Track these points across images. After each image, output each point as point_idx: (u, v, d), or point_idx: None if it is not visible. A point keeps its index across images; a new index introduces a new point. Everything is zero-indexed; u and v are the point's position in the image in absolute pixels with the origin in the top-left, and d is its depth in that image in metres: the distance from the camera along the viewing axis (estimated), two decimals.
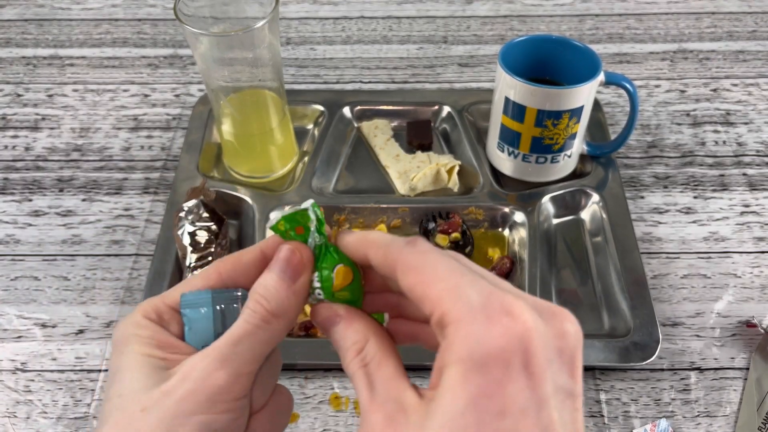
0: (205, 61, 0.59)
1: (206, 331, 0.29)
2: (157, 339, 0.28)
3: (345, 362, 0.28)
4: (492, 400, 0.22)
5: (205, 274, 0.30)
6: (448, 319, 0.24)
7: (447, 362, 0.23)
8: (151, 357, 0.28)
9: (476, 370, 0.23)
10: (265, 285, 0.29)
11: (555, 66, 0.64)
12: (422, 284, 0.25)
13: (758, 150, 0.72)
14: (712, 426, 0.51)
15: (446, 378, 0.23)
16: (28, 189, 0.69)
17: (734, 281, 0.60)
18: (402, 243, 0.27)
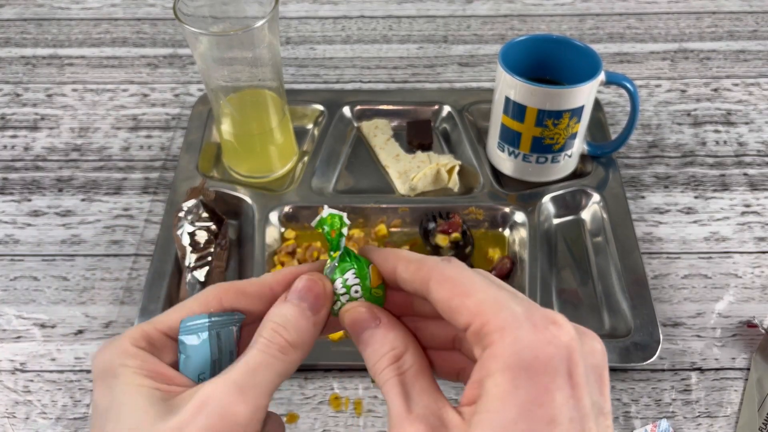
0: (205, 61, 0.59)
1: (203, 358, 0.28)
2: (148, 369, 0.26)
3: (378, 367, 0.27)
4: (543, 408, 0.22)
5: (204, 299, 0.29)
6: (490, 327, 0.23)
7: (491, 371, 0.23)
8: (147, 388, 0.25)
9: (525, 377, 0.22)
10: (283, 314, 0.28)
11: (555, 66, 0.64)
12: (460, 296, 0.25)
13: (759, 150, 0.72)
14: (713, 426, 0.51)
15: (491, 386, 0.23)
16: (28, 189, 0.69)
17: (735, 281, 0.60)
18: (437, 259, 0.27)
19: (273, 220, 0.63)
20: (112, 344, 0.27)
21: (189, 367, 0.27)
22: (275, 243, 0.62)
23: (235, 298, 0.29)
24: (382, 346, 0.27)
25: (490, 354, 0.23)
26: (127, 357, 0.26)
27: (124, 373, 0.26)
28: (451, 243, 0.61)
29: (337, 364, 0.54)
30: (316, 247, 0.60)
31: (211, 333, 0.28)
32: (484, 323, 0.24)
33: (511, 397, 0.22)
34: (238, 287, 0.29)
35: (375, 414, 0.52)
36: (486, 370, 0.23)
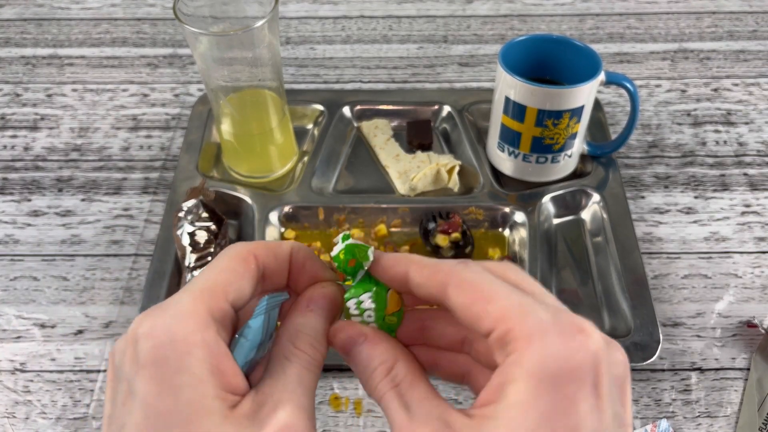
0: (205, 61, 0.59)
1: (255, 342, 0.26)
2: (215, 364, 0.24)
3: (372, 383, 0.26)
4: (566, 417, 0.22)
5: (241, 258, 0.27)
6: (515, 334, 0.23)
7: (513, 377, 0.22)
8: (216, 399, 0.23)
9: (550, 385, 0.22)
10: (314, 327, 0.27)
11: (555, 66, 0.64)
12: (481, 301, 0.24)
13: (759, 150, 0.72)
14: (713, 426, 0.51)
15: (512, 392, 0.22)
16: (27, 189, 0.69)
17: (735, 281, 0.60)
18: (453, 262, 0.26)
19: (273, 220, 0.63)
20: (177, 315, 0.24)
21: (245, 349, 0.26)
22: None
23: (271, 260, 0.28)
24: (372, 361, 0.27)
25: (514, 361, 0.23)
26: (196, 343, 0.23)
27: (193, 369, 0.23)
28: (451, 243, 0.61)
29: (337, 365, 0.54)
30: (316, 247, 0.60)
31: (267, 315, 0.27)
32: (508, 330, 0.23)
33: (532, 405, 0.22)
34: (270, 248, 0.28)
35: (375, 414, 0.52)
36: (508, 376, 0.23)
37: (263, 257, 0.28)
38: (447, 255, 0.61)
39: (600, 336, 0.23)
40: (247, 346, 0.26)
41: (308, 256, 0.29)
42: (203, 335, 0.24)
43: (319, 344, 0.27)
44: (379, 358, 0.27)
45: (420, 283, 0.26)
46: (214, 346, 0.24)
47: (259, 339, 0.26)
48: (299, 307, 0.28)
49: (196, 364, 0.23)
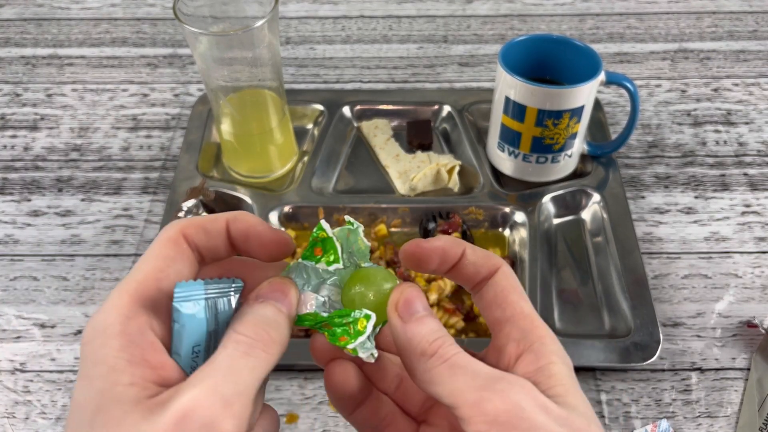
0: (205, 61, 0.59)
1: (199, 329, 0.25)
2: (134, 352, 0.23)
3: (436, 346, 0.26)
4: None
5: (171, 241, 0.26)
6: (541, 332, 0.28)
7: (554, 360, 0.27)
8: (128, 387, 0.23)
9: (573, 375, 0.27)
10: (262, 313, 0.26)
11: (555, 65, 0.64)
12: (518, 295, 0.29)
13: (759, 150, 0.72)
14: (713, 426, 0.51)
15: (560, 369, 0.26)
16: (27, 189, 0.69)
17: (735, 281, 0.60)
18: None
19: (273, 220, 0.63)
20: (101, 311, 0.24)
21: (183, 337, 0.25)
22: None
23: (196, 233, 0.27)
24: (441, 329, 0.27)
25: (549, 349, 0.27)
26: (114, 334, 0.23)
27: (107, 360, 0.23)
28: None
29: None
30: None
31: (209, 303, 0.26)
32: (535, 326, 0.28)
33: (575, 382, 0.26)
34: (199, 222, 0.27)
35: None
36: (547, 359, 0.26)
37: (194, 235, 0.27)
38: None
39: None
40: (185, 333, 0.25)
41: (251, 226, 0.28)
42: (124, 326, 0.24)
43: (266, 326, 0.25)
44: (443, 329, 0.28)
45: (473, 261, 0.29)
46: (136, 336, 0.24)
47: (204, 325, 0.25)
48: (248, 300, 0.27)
49: (111, 354, 0.23)
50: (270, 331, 0.26)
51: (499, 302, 0.29)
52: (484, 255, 0.30)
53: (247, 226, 0.28)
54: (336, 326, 0.28)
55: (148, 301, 0.25)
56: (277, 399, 0.53)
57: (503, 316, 0.28)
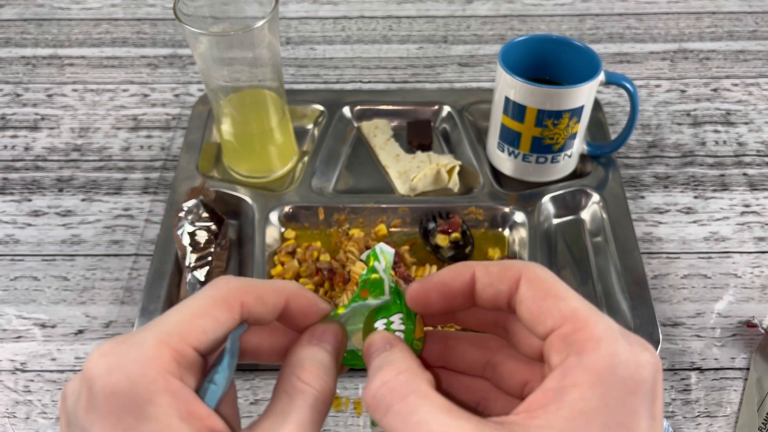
0: (205, 61, 0.59)
1: (224, 381, 0.24)
2: (183, 408, 0.22)
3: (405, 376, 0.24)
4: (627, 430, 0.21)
5: (227, 304, 0.24)
6: (585, 335, 0.22)
7: (579, 381, 0.21)
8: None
9: (616, 395, 0.21)
10: (320, 360, 0.25)
11: (555, 66, 0.64)
12: (554, 297, 0.24)
13: (759, 150, 0.72)
14: (713, 426, 0.51)
15: (577, 398, 0.21)
16: (28, 189, 0.69)
17: (735, 281, 0.60)
18: (524, 261, 0.26)
19: (273, 220, 0.63)
20: (138, 359, 0.22)
21: (213, 397, 0.24)
22: (275, 243, 0.62)
23: (254, 304, 0.25)
24: (403, 361, 0.25)
25: (580, 363, 0.22)
26: (159, 390, 0.21)
27: (159, 418, 0.21)
28: (451, 243, 0.61)
29: None
30: (316, 247, 0.60)
31: (232, 352, 0.24)
32: (578, 329, 0.23)
33: (597, 414, 0.21)
34: (258, 293, 0.25)
35: None
36: (571, 379, 0.22)
37: (251, 305, 0.25)
38: (447, 255, 0.61)
39: (658, 356, 0.23)
40: (218, 392, 0.24)
41: (312, 305, 0.27)
42: (167, 382, 0.22)
43: (326, 376, 0.25)
44: (414, 361, 0.25)
45: (488, 282, 0.26)
46: (180, 393, 0.22)
47: (227, 376, 0.24)
48: (302, 341, 0.26)
49: (163, 413, 0.21)
50: (328, 378, 0.25)
51: (535, 316, 0.24)
52: (499, 270, 0.26)
53: (309, 304, 0.27)
54: None
55: (184, 358, 0.23)
56: None
57: (544, 329, 0.24)
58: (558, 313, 0.23)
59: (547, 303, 0.24)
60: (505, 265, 0.26)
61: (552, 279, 0.25)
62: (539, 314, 0.24)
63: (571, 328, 0.23)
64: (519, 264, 0.25)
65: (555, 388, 0.22)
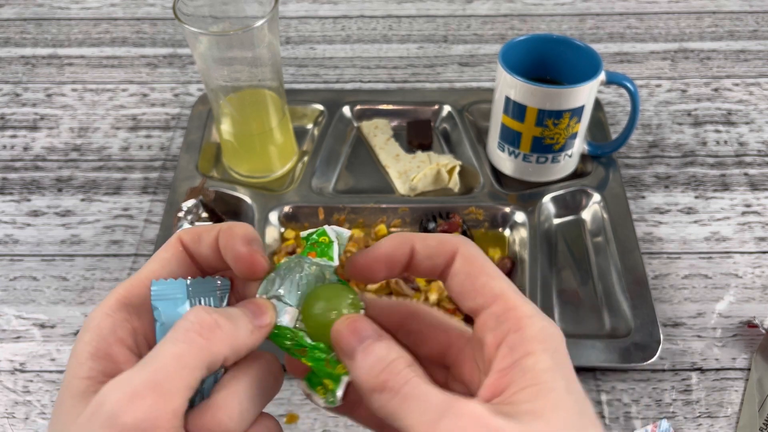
0: (205, 61, 0.59)
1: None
2: (98, 347, 0.25)
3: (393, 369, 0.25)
4: (574, 379, 0.25)
5: (169, 245, 0.28)
6: (519, 312, 0.25)
7: (530, 350, 0.24)
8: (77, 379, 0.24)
9: (560, 359, 0.24)
10: (226, 310, 0.26)
11: (556, 65, 0.64)
12: (485, 275, 0.26)
13: (759, 150, 0.72)
14: (714, 427, 0.51)
15: (535, 363, 0.24)
16: (27, 189, 0.69)
17: (735, 281, 0.60)
18: (457, 236, 0.28)
19: (273, 220, 0.63)
20: (95, 308, 0.26)
21: (164, 334, 0.25)
22: (275, 243, 0.62)
23: (191, 241, 0.28)
24: (389, 353, 0.25)
25: (524, 337, 0.24)
26: (87, 329, 0.25)
27: (74, 354, 0.25)
28: None
29: None
30: None
31: (192, 301, 0.26)
32: (509, 308, 0.25)
33: (557, 370, 0.24)
34: (195, 231, 0.28)
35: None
36: (521, 352, 0.24)
37: (189, 242, 0.28)
38: None
39: None
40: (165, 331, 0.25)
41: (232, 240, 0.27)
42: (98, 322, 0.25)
43: (220, 318, 0.25)
44: (397, 351, 0.26)
45: (426, 254, 0.27)
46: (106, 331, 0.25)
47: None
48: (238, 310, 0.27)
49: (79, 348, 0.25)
50: (222, 321, 0.25)
51: (467, 291, 0.26)
52: (437, 243, 0.27)
53: (229, 240, 0.27)
54: (313, 359, 0.27)
55: (136, 299, 0.26)
56: (277, 399, 0.53)
57: (475, 305, 0.26)
58: (489, 292, 0.26)
59: (480, 281, 0.26)
60: (442, 239, 0.27)
61: (483, 258, 0.27)
62: (471, 290, 0.26)
63: (502, 307, 0.25)
64: (454, 240, 0.27)
65: (510, 364, 0.24)
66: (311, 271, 0.29)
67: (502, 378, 0.24)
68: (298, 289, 0.28)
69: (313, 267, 0.29)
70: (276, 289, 0.28)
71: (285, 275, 0.28)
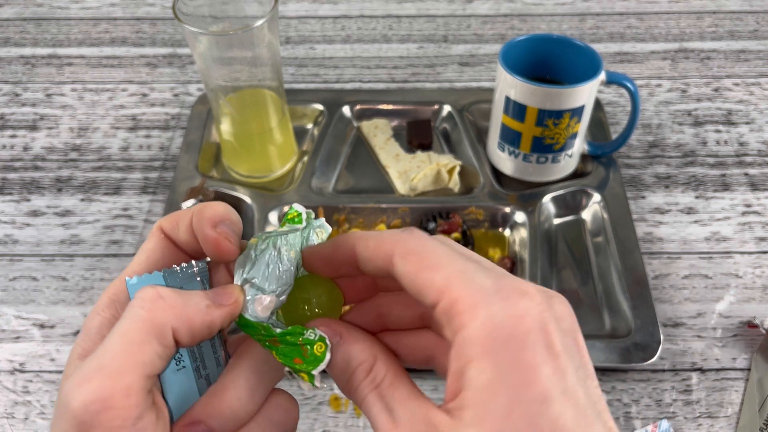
0: (204, 61, 0.59)
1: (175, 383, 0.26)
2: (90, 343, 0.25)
3: (351, 385, 0.25)
4: (533, 387, 0.21)
5: (152, 234, 0.28)
6: (461, 306, 0.22)
7: (470, 357, 0.21)
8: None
9: (507, 358, 0.21)
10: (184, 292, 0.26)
11: (556, 65, 0.64)
12: (426, 269, 0.23)
13: (760, 150, 0.72)
14: (714, 427, 0.51)
15: (475, 375, 0.21)
16: (27, 189, 0.69)
17: (736, 281, 0.60)
18: (397, 231, 0.25)
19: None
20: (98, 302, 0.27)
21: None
22: None
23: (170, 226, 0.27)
24: (350, 362, 0.25)
25: (465, 339, 0.22)
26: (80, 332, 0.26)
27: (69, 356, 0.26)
28: None
29: None
30: None
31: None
32: (453, 301, 0.22)
33: (498, 384, 0.21)
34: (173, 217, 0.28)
35: None
36: (464, 357, 0.21)
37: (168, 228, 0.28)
38: None
39: (542, 295, 0.23)
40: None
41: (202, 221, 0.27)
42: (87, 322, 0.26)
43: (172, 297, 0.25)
44: (357, 358, 0.25)
45: (367, 258, 0.25)
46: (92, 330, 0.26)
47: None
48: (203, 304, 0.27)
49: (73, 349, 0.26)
50: (166, 293, 0.24)
51: (416, 293, 0.24)
52: (374, 245, 0.25)
53: (198, 223, 0.27)
54: (287, 344, 0.26)
55: (122, 295, 0.26)
56: None
57: (428, 306, 0.23)
58: (434, 288, 0.23)
59: (423, 277, 0.23)
60: (380, 239, 0.25)
61: (423, 246, 0.24)
62: (418, 290, 0.23)
63: (447, 301, 0.22)
64: (391, 239, 0.25)
65: (456, 371, 0.22)
66: (285, 252, 0.27)
67: (454, 383, 0.22)
68: (269, 272, 0.27)
69: (284, 247, 0.27)
70: (248, 271, 0.27)
71: (257, 258, 0.27)
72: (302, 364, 0.25)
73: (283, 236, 0.28)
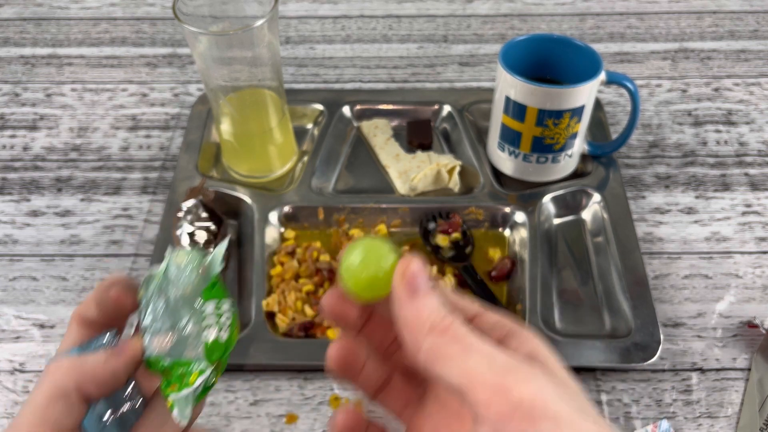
0: (204, 61, 0.59)
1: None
2: None
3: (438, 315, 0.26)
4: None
5: (70, 332, 0.31)
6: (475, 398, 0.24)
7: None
8: None
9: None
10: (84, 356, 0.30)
11: (556, 65, 0.64)
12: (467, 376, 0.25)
13: (760, 150, 0.72)
14: (714, 427, 0.51)
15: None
16: (27, 189, 0.69)
17: (736, 281, 0.60)
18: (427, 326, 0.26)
19: (272, 220, 0.63)
20: None
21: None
22: (275, 243, 0.62)
23: (85, 310, 0.31)
24: (448, 297, 0.27)
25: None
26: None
27: None
28: (451, 243, 0.61)
29: None
30: (316, 247, 0.60)
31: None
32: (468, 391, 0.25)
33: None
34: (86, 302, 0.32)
35: (375, 414, 0.52)
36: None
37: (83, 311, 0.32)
38: (447, 255, 0.60)
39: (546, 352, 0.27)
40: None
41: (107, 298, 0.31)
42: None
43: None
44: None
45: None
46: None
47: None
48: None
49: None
50: (65, 359, 0.29)
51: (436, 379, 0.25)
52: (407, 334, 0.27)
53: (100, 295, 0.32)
54: (173, 376, 0.29)
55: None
56: (277, 399, 0.53)
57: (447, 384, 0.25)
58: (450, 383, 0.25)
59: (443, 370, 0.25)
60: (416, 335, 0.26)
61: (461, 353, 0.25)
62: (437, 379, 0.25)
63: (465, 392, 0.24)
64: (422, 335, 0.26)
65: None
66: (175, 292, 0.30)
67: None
68: (157, 312, 0.30)
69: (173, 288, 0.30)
70: (143, 320, 0.31)
71: (148, 302, 0.31)
72: (174, 389, 0.29)
73: (163, 274, 0.31)
